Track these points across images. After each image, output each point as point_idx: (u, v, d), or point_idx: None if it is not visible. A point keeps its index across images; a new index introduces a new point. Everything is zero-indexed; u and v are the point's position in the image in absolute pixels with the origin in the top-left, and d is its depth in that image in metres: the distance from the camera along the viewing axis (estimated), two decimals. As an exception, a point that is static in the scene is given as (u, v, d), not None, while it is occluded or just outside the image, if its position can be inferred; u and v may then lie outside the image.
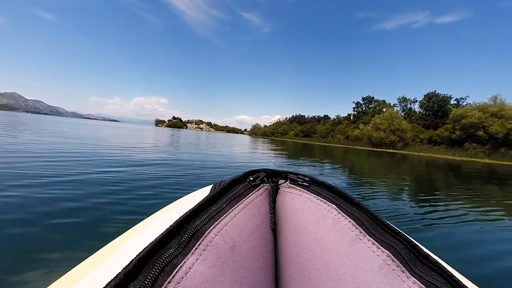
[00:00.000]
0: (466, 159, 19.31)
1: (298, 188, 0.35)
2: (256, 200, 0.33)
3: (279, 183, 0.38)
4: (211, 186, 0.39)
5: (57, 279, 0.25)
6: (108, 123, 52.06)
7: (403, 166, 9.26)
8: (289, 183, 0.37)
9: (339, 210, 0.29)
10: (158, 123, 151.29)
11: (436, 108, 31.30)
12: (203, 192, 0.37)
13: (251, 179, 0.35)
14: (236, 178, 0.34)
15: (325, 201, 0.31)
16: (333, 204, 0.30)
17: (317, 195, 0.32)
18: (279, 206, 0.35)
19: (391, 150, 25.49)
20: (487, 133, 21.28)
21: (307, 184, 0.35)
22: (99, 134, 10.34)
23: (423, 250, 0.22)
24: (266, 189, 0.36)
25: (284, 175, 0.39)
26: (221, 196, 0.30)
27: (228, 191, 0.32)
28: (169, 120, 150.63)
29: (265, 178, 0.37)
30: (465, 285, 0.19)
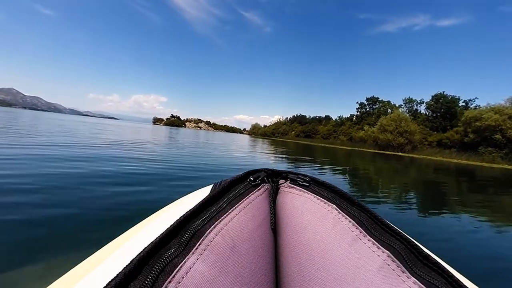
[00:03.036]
0: (483, 164, 17.94)
1: (298, 188, 0.35)
2: (256, 200, 0.32)
3: (279, 183, 0.38)
4: (211, 186, 0.38)
5: (57, 278, 0.25)
6: (106, 121, 51.22)
7: (421, 172, 8.12)
8: (289, 183, 0.37)
9: (339, 210, 0.29)
10: (156, 121, 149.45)
11: (445, 109, 29.98)
12: (203, 192, 0.37)
13: (251, 179, 0.35)
14: (237, 178, 0.34)
15: (325, 201, 0.31)
16: (333, 204, 0.30)
17: (317, 195, 0.32)
18: (280, 206, 0.35)
19: (399, 153, 24.11)
20: (505, 136, 19.96)
21: (307, 184, 0.35)
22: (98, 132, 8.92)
23: (423, 250, 0.22)
24: (267, 189, 0.36)
25: (284, 175, 0.38)
26: (222, 196, 0.30)
27: (229, 191, 0.31)
28: (167, 119, 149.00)
29: (265, 178, 0.37)
30: (465, 285, 0.19)
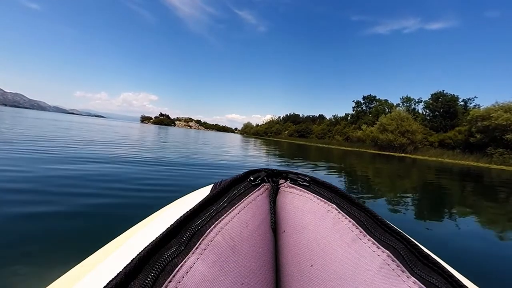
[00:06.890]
0: (497, 167, 16.43)
1: (299, 188, 0.35)
2: (256, 199, 0.32)
3: (279, 183, 0.38)
4: (211, 185, 0.38)
5: (58, 278, 0.25)
6: (92, 119, 47.98)
7: (436, 176, 6.28)
8: (290, 183, 0.37)
9: (339, 210, 0.29)
10: (144, 119, 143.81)
11: (445, 109, 28.68)
12: (204, 192, 0.37)
13: (252, 178, 0.35)
14: (237, 178, 0.34)
15: (325, 201, 0.31)
16: (333, 204, 0.30)
17: (317, 195, 0.32)
18: (280, 205, 0.35)
19: (401, 154, 22.50)
20: (518, 137, 18.56)
21: (308, 184, 0.35)
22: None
23: (423, 250, 0.22)
24: (267, 189, 0.36)
25: (284, 175, 0.38)
26: (222, 195, 0.30)
27: (229, 190, 0.31)
28: (155, 117, 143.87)
29: (265, 178, 0.37)
30: (465, 285, 0.19)
